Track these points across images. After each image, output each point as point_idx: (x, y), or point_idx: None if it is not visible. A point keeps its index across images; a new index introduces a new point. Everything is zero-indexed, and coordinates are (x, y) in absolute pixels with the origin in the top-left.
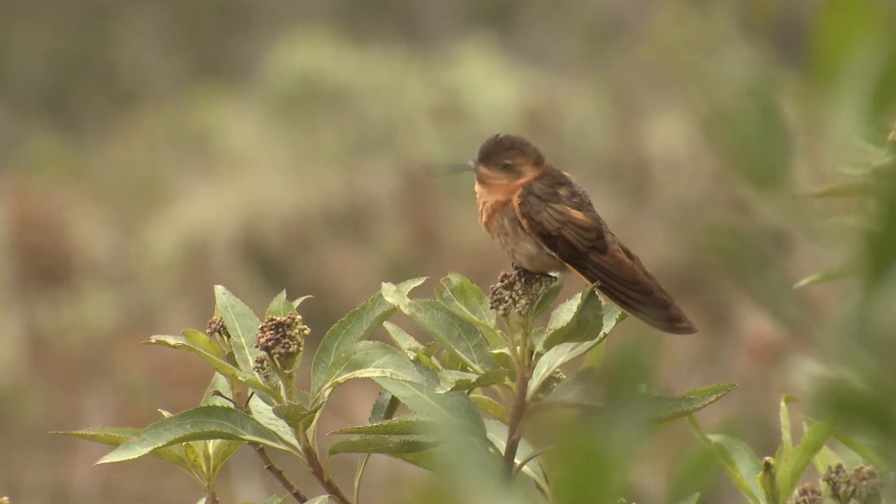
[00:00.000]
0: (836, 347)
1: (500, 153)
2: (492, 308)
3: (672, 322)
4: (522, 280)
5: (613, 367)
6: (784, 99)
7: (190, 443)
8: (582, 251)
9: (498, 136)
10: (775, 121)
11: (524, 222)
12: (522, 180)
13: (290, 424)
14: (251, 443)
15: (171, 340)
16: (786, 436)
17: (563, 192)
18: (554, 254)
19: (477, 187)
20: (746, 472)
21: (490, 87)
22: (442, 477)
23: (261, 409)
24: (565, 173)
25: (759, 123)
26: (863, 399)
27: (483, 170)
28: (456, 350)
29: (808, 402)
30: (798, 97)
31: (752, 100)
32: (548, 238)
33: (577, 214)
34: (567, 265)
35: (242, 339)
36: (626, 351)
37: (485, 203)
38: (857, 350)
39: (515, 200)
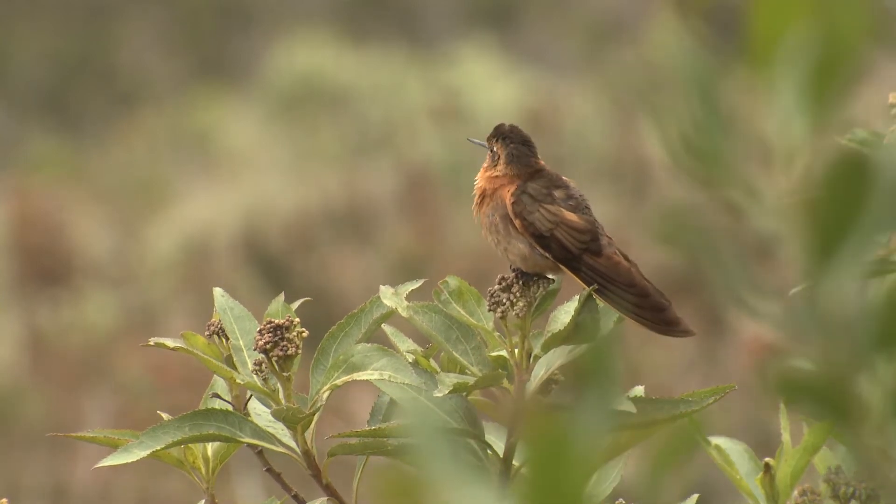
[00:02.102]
0: (790, 329)
1: (491, 137)
2: (490, 311)
3: (669, 325)
4: (520, 282)
5: (578, 367)
6: (728, 84)
7: (189, 445)
8: (575, 253)
9: (503, 123)
10: (718, 108)
11: (517, 222)
12: (496, 173)
13: (288, 427)
14: (250, 445)
15: (170, 343)
16: (785, 437)
17: (558, 194)
18: (547, 254)
19: (479, 174)
20: (746, 472)
21: (490, 87)
22: (413, 468)
23: (259, 412)
24: (564, 177)
25: (703, 111)
26: (814, 380)
27: (495, 148)
28: (454, 353)
29: (763, 387)
30: (739, 81)
31: (696, 88)
32: (540, 238)
33: (571, 216)
34: (561, 266)
35: (241, 342)
36: (591, 348)
37: (475, 187)
38: (808, 330)
39: (508, 199)
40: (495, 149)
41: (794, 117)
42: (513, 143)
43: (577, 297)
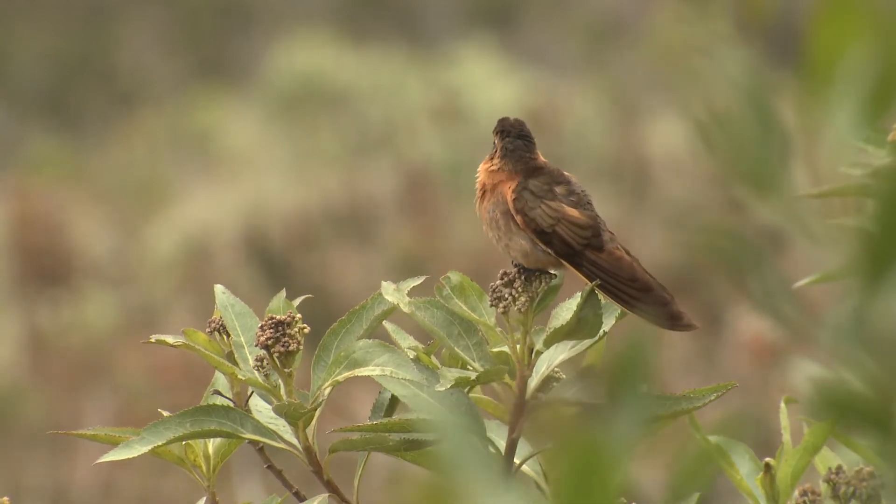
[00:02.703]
0: (835, 348)
1: (494, 132)
2: (491, 306)
3: (672, 319)
4: (522, 278)
5: (612, 365)
6: (781, 101)
7: (190, 442)
8: (577, 248)
9: (506, 117)
10: (771, 123)
11: (518, 218)
12: (493, 167)
13: (289, 423)
14: (251, 442)
15: (171, 340)
16: (786, 437)
17: (559, 189)
18: (549, 250)
19: (480, 166)
20: (746, 472)
21: (490, 87)
22: (443, 475)
23: (261, 408)
24: (565, 173)
25: (756, 125)
26: (860, 400)
27: (495, 141)
28: (456, 348)
29: (806, 403)
30: (795, 99)
31: (748, 102)
32: (542, 234)
33: (572, 212)
34: (563, 262)
35: (242, 338)
36: (626, 349)
37: (477, 181)
38: (855, 350)
39: (509, 196)
40: (495, 142)
41: (849, 134)
42: (509, 137)
43: (580, 292)
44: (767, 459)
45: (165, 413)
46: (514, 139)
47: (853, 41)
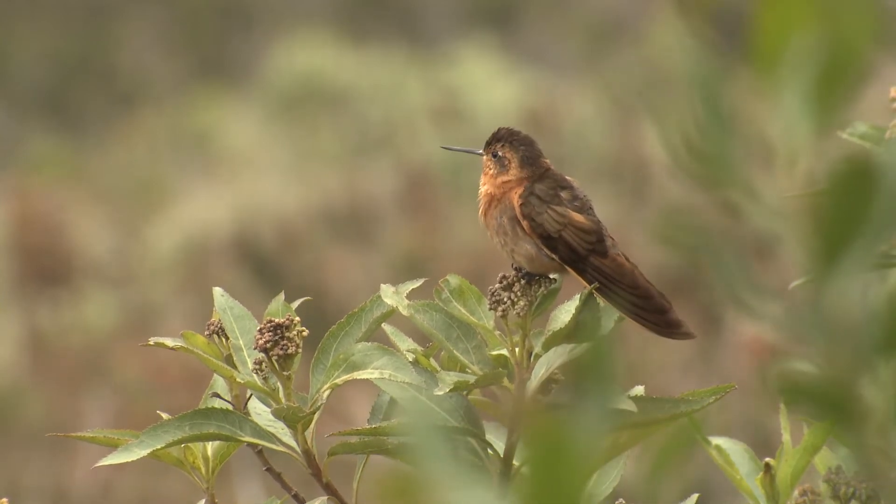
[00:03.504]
0: (791, 330)
1: (494, 143)
2: (490, 309)
3: (671, 327)
4: (521, 281)
5: (577, 366)
6: (732, 88)
7: (188, 444)
8: (582, 254)
9: (502, 127)
10: (720, 110)
11: (525, 223)
12: (508, 177)
13: (288, 426)
14: (250, 444)
15: (170, 342)
16: (786, 437)
17: (564, 195)
18: (554, 256)
19: (481, 178)
20: (746, 472)
21: (490, 87)
22: (413, 469)
23: (259, 411)
24: (568, 177)
25: (712, 118)
26: (816, 383)
27: (484, 157)
28: (454, 351)
29: (766, 390)
30: (743, 86)
31: (704, 94)
32: (548, 240)
33: (578, 217)
34: (567, 267)
35: (241, 341)
36: (589, 347)
37: (481, 193)
38: (810, 333)
39: (516, 201)
40: (501, 153)
41: (799, 120)
42: (523, 145)
43: (578, 296)
44: (767, 459)
45: (164, 415)
46: (529, 147)
47: (799, 27)
